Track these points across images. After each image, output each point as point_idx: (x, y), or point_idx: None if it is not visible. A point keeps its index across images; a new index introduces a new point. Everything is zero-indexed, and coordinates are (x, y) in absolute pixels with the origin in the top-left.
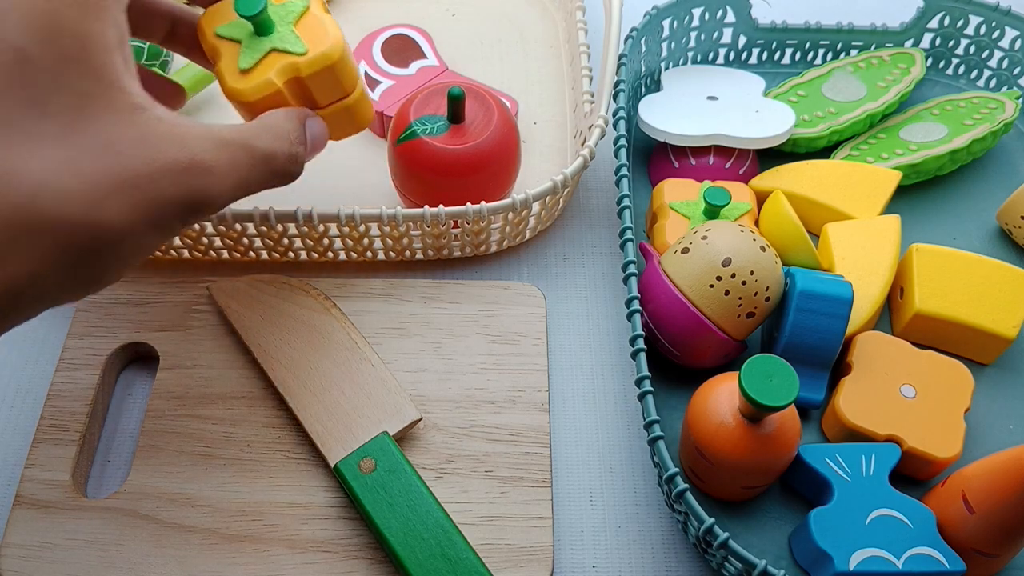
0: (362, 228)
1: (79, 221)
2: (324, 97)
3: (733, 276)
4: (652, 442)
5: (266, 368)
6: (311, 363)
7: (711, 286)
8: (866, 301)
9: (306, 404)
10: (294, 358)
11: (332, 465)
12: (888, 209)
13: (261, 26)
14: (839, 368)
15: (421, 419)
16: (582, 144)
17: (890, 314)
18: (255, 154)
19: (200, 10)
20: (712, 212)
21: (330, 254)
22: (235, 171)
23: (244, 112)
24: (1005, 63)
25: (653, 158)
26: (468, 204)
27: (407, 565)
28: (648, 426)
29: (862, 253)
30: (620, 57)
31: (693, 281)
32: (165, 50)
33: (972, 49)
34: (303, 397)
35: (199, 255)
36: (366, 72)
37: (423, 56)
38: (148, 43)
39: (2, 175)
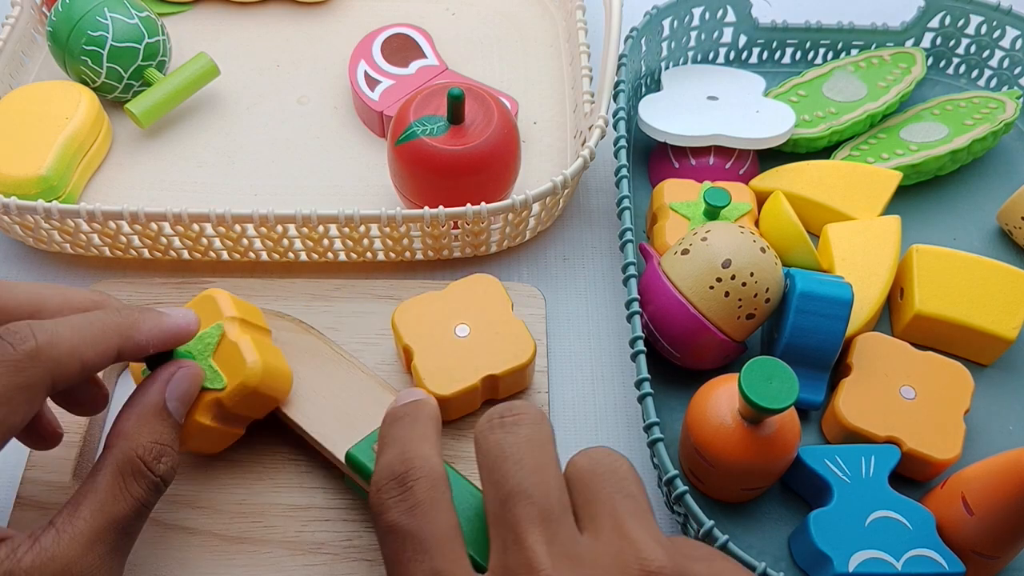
0: (362, 228)
1: None
2: (253, 411)
3: (733, 277)
4: (652, 444)
5: None
6: (303, 376)
7: (711, 287)
8: (866, 302)
9: (305, 411)
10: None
11: (343, 456)
12: (888, 209)
13: (714, 213)
14: (839, 369)
15: None
16: (582, 144)
17: (890, 315)
18: (123, 523)
19: None
20: (712, 213)
21: (330, 254)
22: (114, 559)
23: None
24: (1006, 63)
25: (653, 158)
26: (468, 205)
27: None
28: (648, 428)
29: (862, 254)
30: (620, 57)
31: (693, 282)
32: (162, 51)
33: (973, 49)
34: (302, 406)
35: (199, 255)
36: (366, 72)
37: (423, 56)
38: (144, 43)
39: None
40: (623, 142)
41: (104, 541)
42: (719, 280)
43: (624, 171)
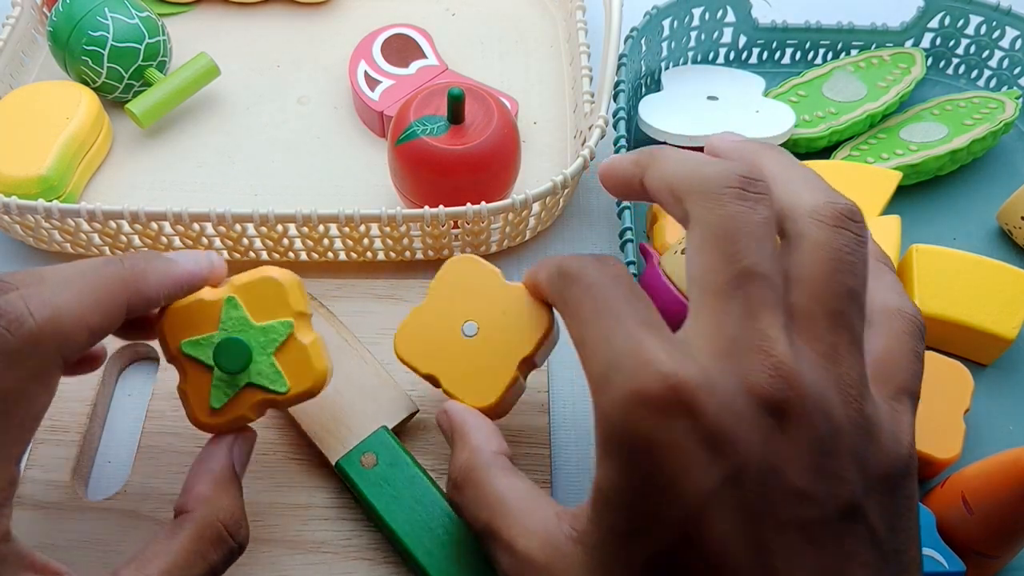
0: (362, 228)
1: None
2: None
3: None
4: None
5: None
6: None
7: None
8: None
9: (302, 406)
10: None
11: (333, 463)
12: (888, 209)
13: None
14: None
15: (418, 411)
16: (582, 144)
17: None
18: None
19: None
20: None
21: (330, 254)
22: None
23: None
24: (1006, 63)
25: None
26: (468, 204)
27: (417, 556)
28: None
29: None
30: (620, 57)
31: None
32: (163, 51)
33: (972, 49)
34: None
35: None
36: (366, 72)
37: (423, 56)
38: (145, 43)
39: None
40: (623, 142)
41: None
42: None
43: None
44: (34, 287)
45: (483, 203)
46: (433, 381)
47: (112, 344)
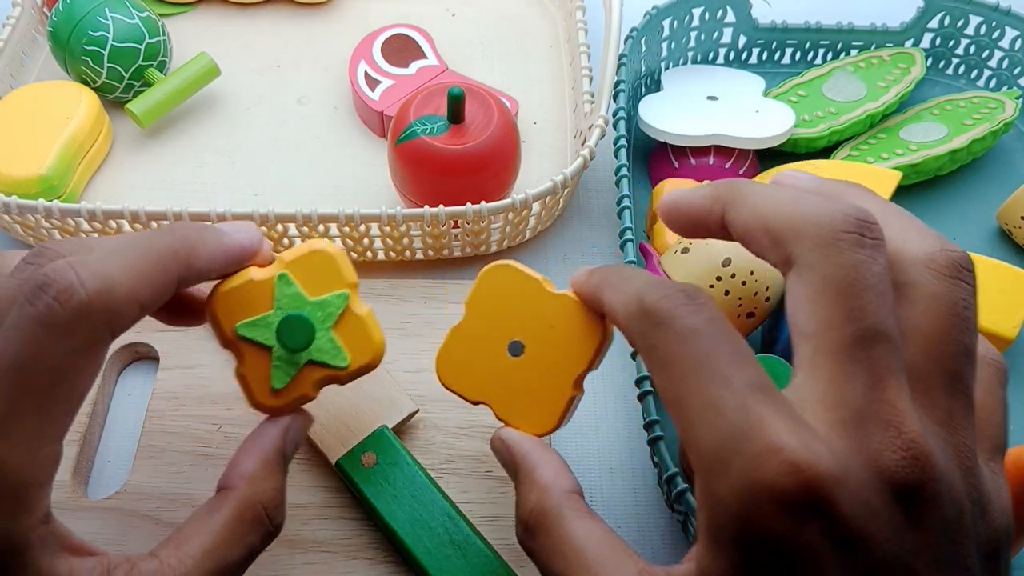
0: (362, 228)
1: None
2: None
3: (733, 276)
4: (652, 442)
5: None
6: None
7: (711, 286)
8: None
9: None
10: None
11: (333, 463)
12: None
13: None
14: None
15: (418, 411)
16: (582, 144)
17: None
18: (234, 570)
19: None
20: None
21: None
22: None
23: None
24: (1005, 63)
25: (653, 158)
26: (468, 204)
27: (417, 555)
28: (648, 426)
29: None
30: (620, 57)
31: (693, 281)
32: (163, 51)
33: (972, 49)
34: None
35: None
36: (366, 72)
37: (423, 56)
38: (145, 44)
39: None
40: (623, 142)
41: None
42: (719, 279)
43: (624, 171)
44: (82, 255)
45: (483, 203)
46: (484, 406)
47: (112, 344)
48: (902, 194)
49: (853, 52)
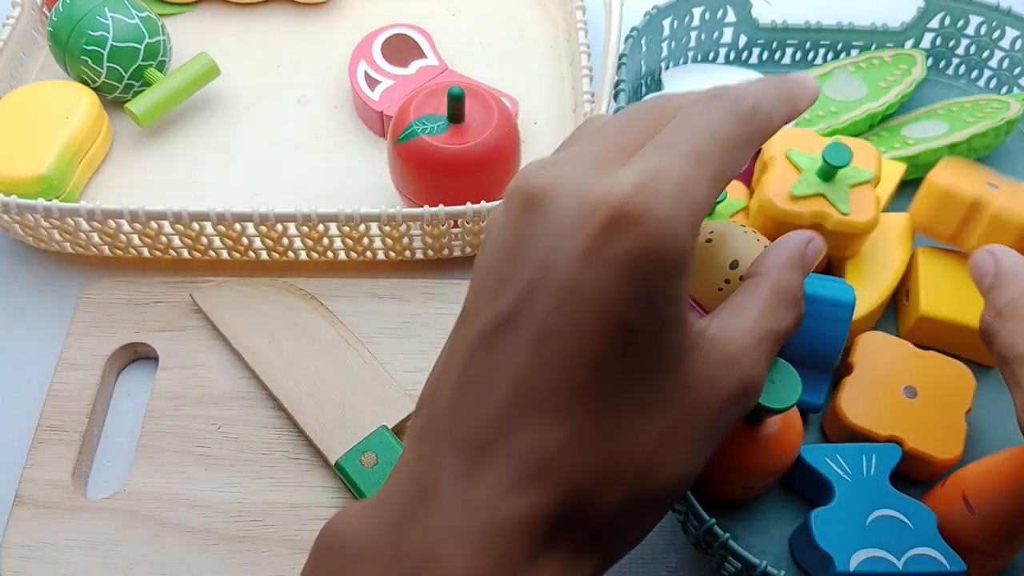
0: (362, 228)
1: (678, 485)
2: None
3: (741, 279)
4: None
5: (258, 371)
6: (303, 363)
7: (720, 289)
8: (869, 300)
9: (302, 405)
10: (285, 360)
11: (333, 463)
12: (893, 205)
13: (830, 173)
14: (841, 369)
15: None
16: None
17: (895, 316)
18: (777, 339)
19: None
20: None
21: (330, 254)
22: (767, 365)
23: (756, 219)
24: (1006, 63)
25: None
26: (468, 204)
27: None
28: None
29: (870, 249)
30: (620, 57)
31: (702, 284)
32: (162, 51)
33: (973, 49)
34: (298, 398)
35: (199, 255)
36: (366, 72)
37: (423, 56)
38: (145, 43)
39: (620, 455)
40: None
41: (765, 346)
42: (727, 282)
43: None
44: (741, 85)
45: (483, 202)
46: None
47: (111, 344)
48: (906, 194)
49: (853, 52)
